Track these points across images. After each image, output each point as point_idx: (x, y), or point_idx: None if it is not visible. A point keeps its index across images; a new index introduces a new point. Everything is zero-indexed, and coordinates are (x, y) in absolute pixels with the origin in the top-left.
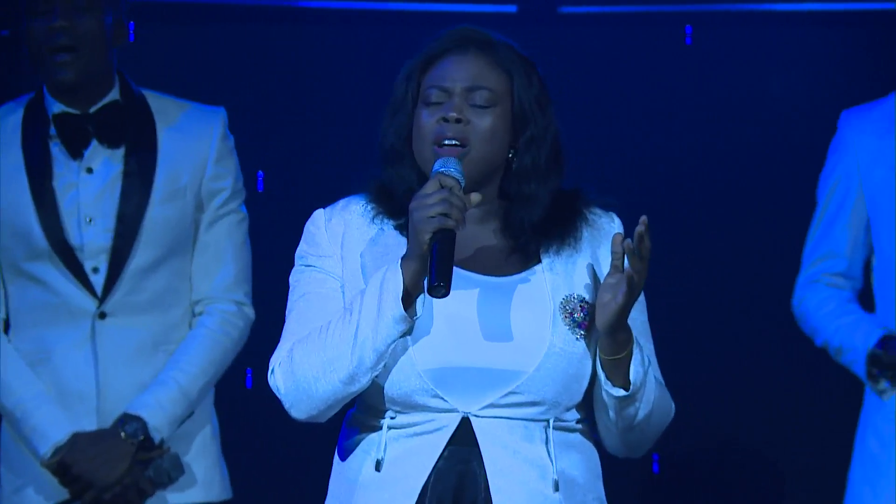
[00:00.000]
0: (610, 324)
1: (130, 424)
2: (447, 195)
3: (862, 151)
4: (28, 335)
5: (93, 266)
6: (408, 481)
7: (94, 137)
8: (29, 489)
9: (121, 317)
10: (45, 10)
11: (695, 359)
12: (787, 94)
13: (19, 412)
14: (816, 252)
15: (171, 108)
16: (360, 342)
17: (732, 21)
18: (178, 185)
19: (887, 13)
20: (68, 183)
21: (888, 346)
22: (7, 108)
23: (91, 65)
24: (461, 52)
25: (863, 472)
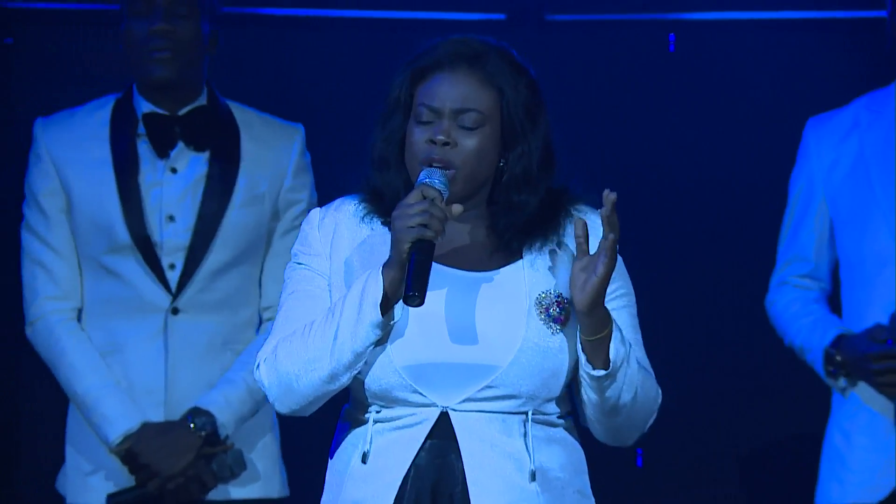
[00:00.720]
0: (589, 302)
1: (199, 418)
2: (428, 206)
3: (823, 157)
4: (101, 326)
5: (170, 263)
6: (389, 473)
7: (181, 139)
8: (97, 476)
9: (192, 314)
10: (147, 12)
11: (679, 355)
12: (767, 99)
13: (91, 399)
14: (785, 255)
15: (255, 119)
16: (340, 344)
17: (714, 29)
18: (257, 192)
19: (863, 21)
20: (153, 181)
21: (842, 346)
22: (95, 104)
23: (186, 67)
24: (451, 70)
25: (829, 468)
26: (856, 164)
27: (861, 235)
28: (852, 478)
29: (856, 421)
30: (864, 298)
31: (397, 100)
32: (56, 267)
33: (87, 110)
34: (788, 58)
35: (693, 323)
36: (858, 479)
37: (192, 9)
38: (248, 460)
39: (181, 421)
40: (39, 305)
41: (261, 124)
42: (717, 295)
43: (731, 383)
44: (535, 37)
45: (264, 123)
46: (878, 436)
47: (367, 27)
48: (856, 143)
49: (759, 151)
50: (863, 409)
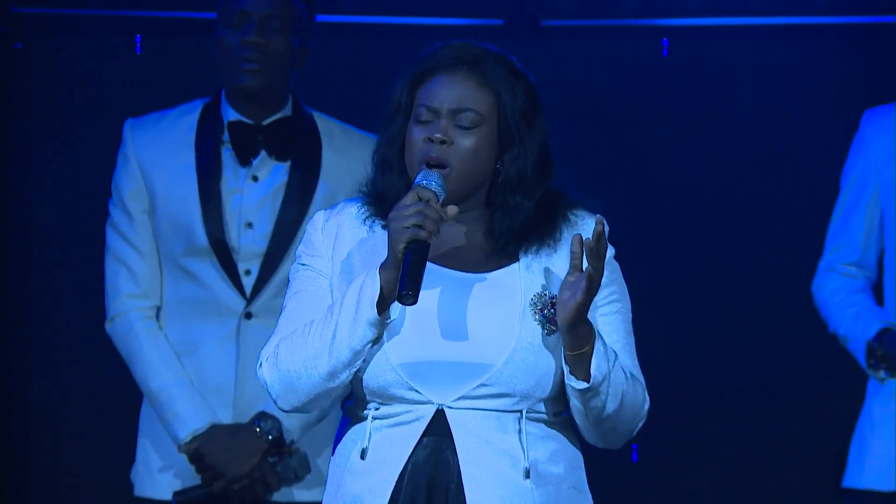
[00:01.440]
0: (570, 320)
1: (266, 422)
2: (423, 207)
3: (879, 150)
4: (177, 326)
5: (245, 268)
6: (387, 469)
7: (264, 148)
8: (166, 473)
9: (265, 319)
10: (242, 22)
11: (674, 352)
12: (759, 104)
13: (164, 396)
14: (834, 241)
15: (337, 130)
16: (338, 342)
17: (707, 34)
18: (335, 201)
19: (856, 26)
20: (234, 188)
21: (884, 340)
22: (184, 108)
23: (273, 79)
24: (450, 72)
25: (855, 453)
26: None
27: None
28: (872, 463)
29: (886, 409)
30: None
31: (398, 103)
32: (138, 266)
33: (175, 114)
34: (780, 63)
35: (687, 322)
36: (877, 465)
37: (284, 23)
38: (314, 464)
39: (248, 424)
40: (120, 302)
41: (342, 135)
42: (711, 294)
43: (725, 380)
44: (532, 42)
45: (345, 134)
46: None
47: (369, 32)
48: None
49: (752, 155)
50: (893, 399)
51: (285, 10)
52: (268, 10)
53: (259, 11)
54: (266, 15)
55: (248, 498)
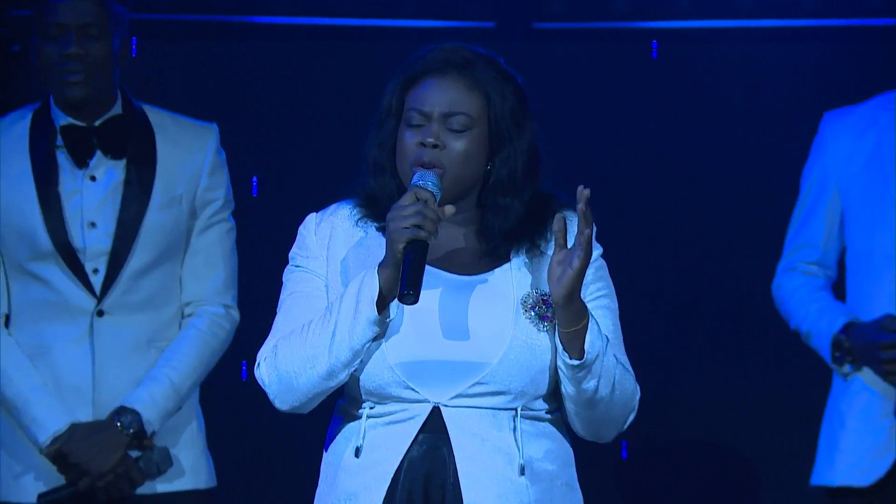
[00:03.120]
0: (566, 293)
1: (126, 417)
2: (422, 207)
3: (838, 151)
4: (28, 330)
5: (93, 267)
6: (382, 466)
7: (99, 149)
8: (27, 476)
9: (117, 315)
10: (59, 35)
11: (663, 350)
12: (747, 105)
13: (20, 402)
14: (794, 242)
15: (169, 122)
16: (338, 341)
17: (695, 37)
18: (174, 193)
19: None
20: (73, 189)
21: (850, 333)
22: (14, 116)
23: (98, 84)
24: (441, 76)
25: (825, 449)
26: (871, 159)
27: (872, 228)
28: (843, 459)
29: (853, 405)
30: (870, 288)
31: (389, 106)
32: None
33: (6, 122)
34: (768, 65)
35: (677, 320)
36: (849, 461)
37: (102, 29)
38: (174, 455)
39: (108, 420)
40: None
41: (175, 126)
42: (699, 293)
43: (714, 377)
44: (523, 44)
45: (178, 125)
46: (872, 421)
47: (361, 35)
48: (873, 139)
49: (740, 155)
50: (861, 395)
51: (101, 16)
52: (84, 19)
53: (76, 21)
54: (83, 24)
55: (113, 494)
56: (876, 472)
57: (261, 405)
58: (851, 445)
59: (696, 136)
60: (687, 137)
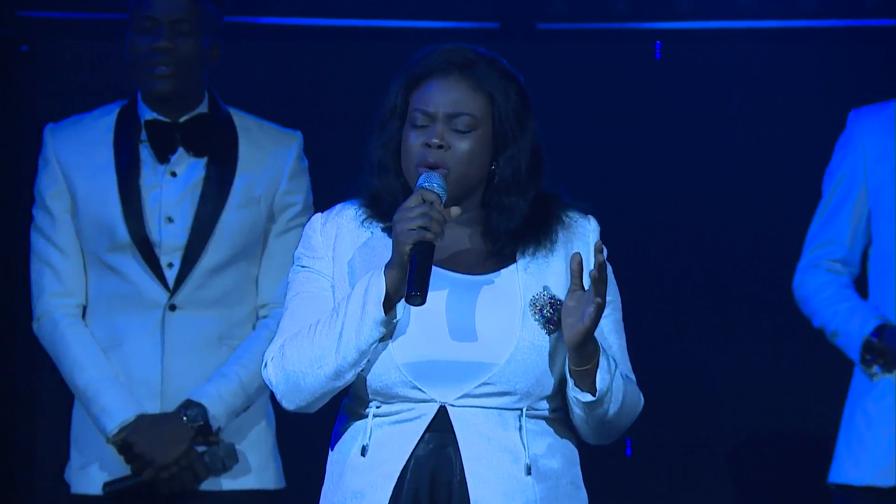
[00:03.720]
0: (577, 342)
1: (192, 410)
2: (428, 209)
3: (869, 148)
4: (102, 322)
5: (168, 262)
6: (389, 465)
7: (181, 145)
8: (94, 465)
9: (189, 310)
10: (151, 28)
11: (667, 349)
12: (749, 105)
13: (91, 391)
14: (818, 239)
15: (253, 126)
16: (345, 342)
17: (698, 37)
18: (252, 194)
19: (847, 30)
20: (153, 184)
21: (884, 336)
22: (101, 111)
23: (186, 81)
24: (444, 77)
25: (848, 448)
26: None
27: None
28: (870, 459)
29: (881, 405)
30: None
31: (393, 107)
32: (61, 265)
33: (93, 116)
34: (770, 65)
35: (680, 319)
36: (876, 461)
37: (193, 26)
38: (241, 453)
39: (174, 413)
40: (45, 302)
41: (259, 130)
42: (702, 292)
43: (717, 375)
44: (527, 45)
45: (262, 129)
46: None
47: (363, 36)
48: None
49: (742, 155)
50: (889, 396)
51: (193, 13)
52: (176, 14)
53: (168, 16)
54: (175, 19)
55: (176, 487)
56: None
57: None
58: (880, 446)
59: (699, 136)
60: (690, 137)
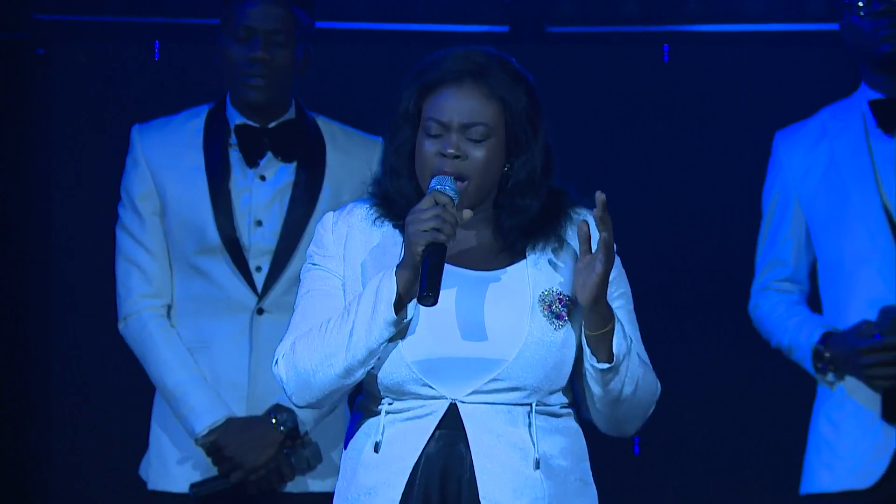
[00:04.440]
0: (592, 297)
1: (282, 415)
2: (440, 211)
3: (794, 166)
4: (189, 324)
5: (256, 265)
6: (401, 462)
7: (270, 150)
8: (179, 464)
9: (277, 314)
10: (248, 38)
11: (674, 348)
12: (755, 108)
13: (180, 392)
14: (765, 261)
15: (339, 132)
16: (355, 341)
17: (706, 40)
18: (339, 199)
19: None
20: (243, 187)
21: (829, 342)
22: (190, 112)
23: (278, 90)
24: (458, 85)
25: (818, 457)
26: (828, 169)
27: (839, 236)
28: (842, 464)
29: (843, 410)
30: (845, 296)
31: (406, 112)
32: (149, 265)
33: (182, 118)
34: (776, 68)
35: (688, 318)
36: (848, 465)
37: (288, 37)
38: (327, 455)
39: (264, 416)
40: (133, 302)
41: (344, 136)
42: (712, 291)
43: (724, 375)
44: (537, 48)
45: (347, 135)
46: (864, 424)
47: (375, 38)
48: (826, 150)
49: (748, 156)
50: (849, 399)
51: (289, 24)
52: (273, 25)
53: (264, 27)
54: (271, 30)
55: (263, 488)
56: (875, 473)
57: None
58: (850, 450)
59: (706, 137)
60: (697, 138)
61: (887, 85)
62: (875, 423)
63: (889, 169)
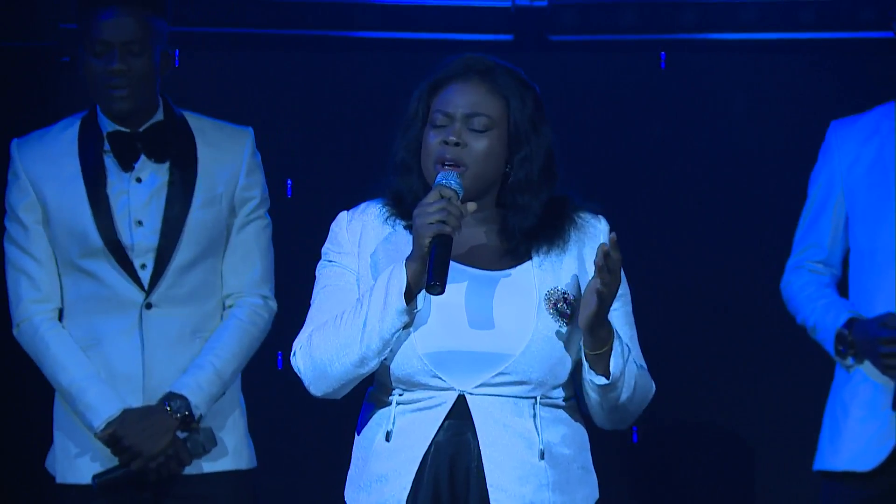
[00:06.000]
0: (589, 324)
1: (175, 402)
2: (446, 204)
3: (844, 157)
4: (80, 323)
5: (141, 263)
6: (411, 450)
7: (143, 153)
8: (83, 458)
9: (164, 307)
10: (104, 51)
11: (672, 341)
12: (750, 113)
13: (74, 390)
14: (802, 242)
15: (208, 127)
16: (369, 331)
17: (702, 48)
18: (214, 193)
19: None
20: (120, 190)
21: (854, 328)
22: (63, 123)
23: (142, 96)
24: (464, 80)
25: (828, 436)
26: (875, 164)
27: (874, 229)
28: (847, 446)
29: (856, 395)
30: (872, 286)
31: (415, 111)
32: (37, 273)
33: (57, 129)
34: (770, 75)
35: (684, 313)
36: (852, 447)
37: (143, 46)
38: (218, 437)
39: (158, 405)
40: (24, 308)
41: (213, 130)
42: (707, 289)
43: (721, 365)
44: (539, 55)
45: (216, 129)
46: (874, 410)
47: (388, 46)
48: (876, 146)
49: (742, 161)
50: (864, 385)
51: (143, 34)
52: (127, 36)
53: (119, 39)
54: (126, 41)
55: (163, 474)
56: (876, 457)
57: (296, 393)
58: (855, 433)
59: (702, 142)
60: (693, 143)
61: None
62: (884, 410)
63: None
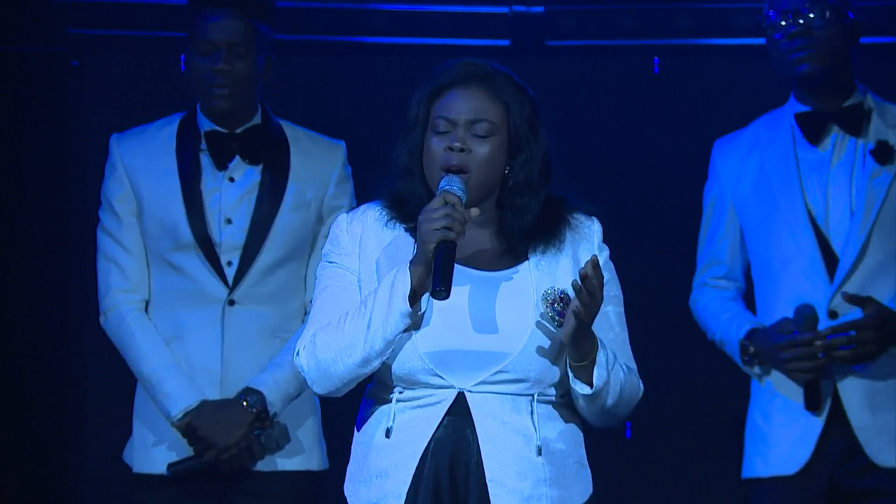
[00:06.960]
0: (568, 338)
1: (251, 397)
2: (450, 210)
3: (729, 173)
4: (165, 315)
5: (227, 260)
6: (412, 446)
7: (238, 153)
8: (159, 447)
9: (246, 305)
10: (209, 51)
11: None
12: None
13: (155, 379)
14: (703, 260)
15: (303, 136)
16: (372, 332)
17: (694, 53)
18: (303, 198)
19: None
20: (213, 188)
21: (754, 338)
22: (164, 121)
23: (242, 98)
24: (465, 87)
25: (752, 445)
26: (759, 177)
27: (768, 239)
28: (773, 452)
29: (773, 403)
30: (773, 294)
31: (417, 116)
32: (127, 263)
33: (156, 126)
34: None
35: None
36: (778, 453)
37: (248, 48)
38: (293, 436)
39: (235, 399)
40: (112, 297)
41: (308, 140)
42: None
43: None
44: (537, 60)
45: (311, 139)
46: (791, 414)
47: (381, 52)
48: (757, 159)
49: None
50: (777, 392)
51: (248, 36)
52: (233, 38)
53: (225, 40)
54: (232, 43)
55: (235, 466)
56: (800, 459)
57: None
58: (779, 438)
59: (694, 144)
60: (685, 145)
61: (810, 99)
62: (800, 413)
63: (813, 177)
